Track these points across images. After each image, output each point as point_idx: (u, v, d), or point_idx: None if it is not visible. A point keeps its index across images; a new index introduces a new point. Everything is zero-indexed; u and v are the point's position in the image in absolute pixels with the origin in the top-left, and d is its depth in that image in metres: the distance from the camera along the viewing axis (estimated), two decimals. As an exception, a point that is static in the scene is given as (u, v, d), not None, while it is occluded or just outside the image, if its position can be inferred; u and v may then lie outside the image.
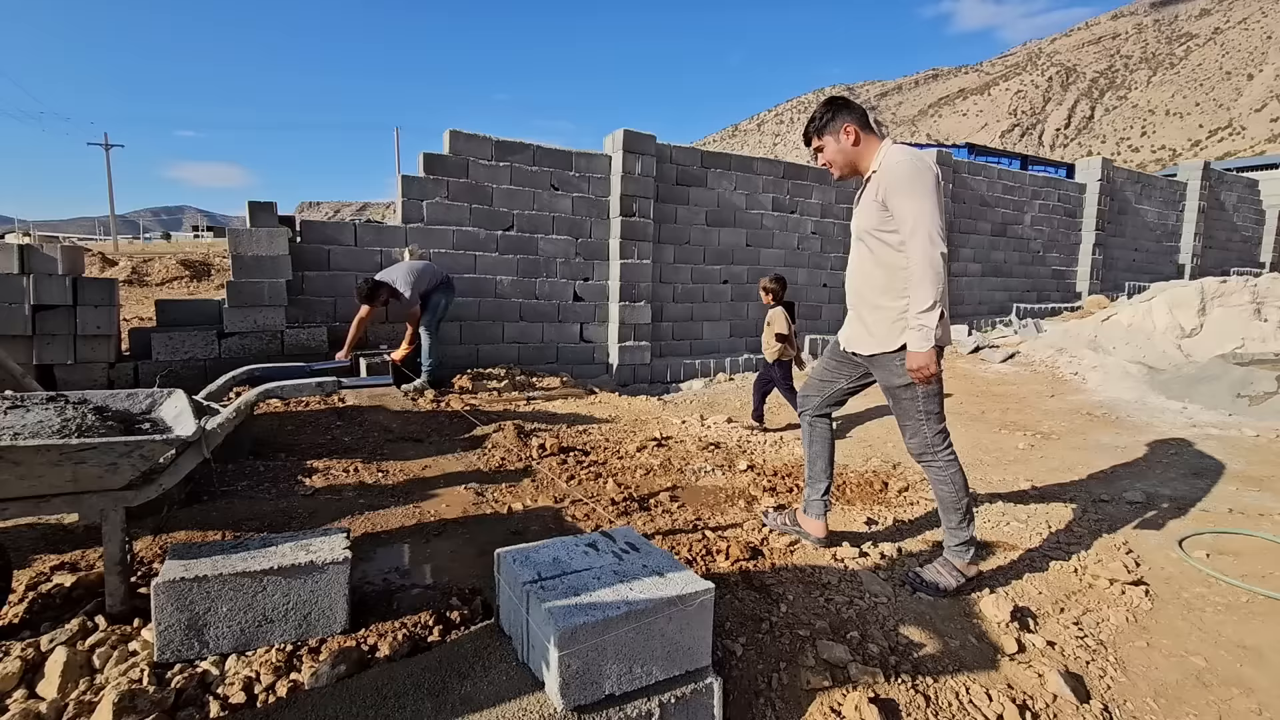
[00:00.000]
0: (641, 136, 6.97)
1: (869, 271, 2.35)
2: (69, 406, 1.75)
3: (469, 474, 3.27)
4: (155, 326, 5.35)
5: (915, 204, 2.12)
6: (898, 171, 2.16)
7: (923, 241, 2.10)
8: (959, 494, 2.32)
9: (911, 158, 2.19)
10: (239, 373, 2.27)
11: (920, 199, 2.11)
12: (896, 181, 2.16)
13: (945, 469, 2.33)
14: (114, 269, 19.59)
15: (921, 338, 2.12)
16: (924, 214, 2.10)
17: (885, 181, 2.20)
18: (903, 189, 2.14)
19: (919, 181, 2.13)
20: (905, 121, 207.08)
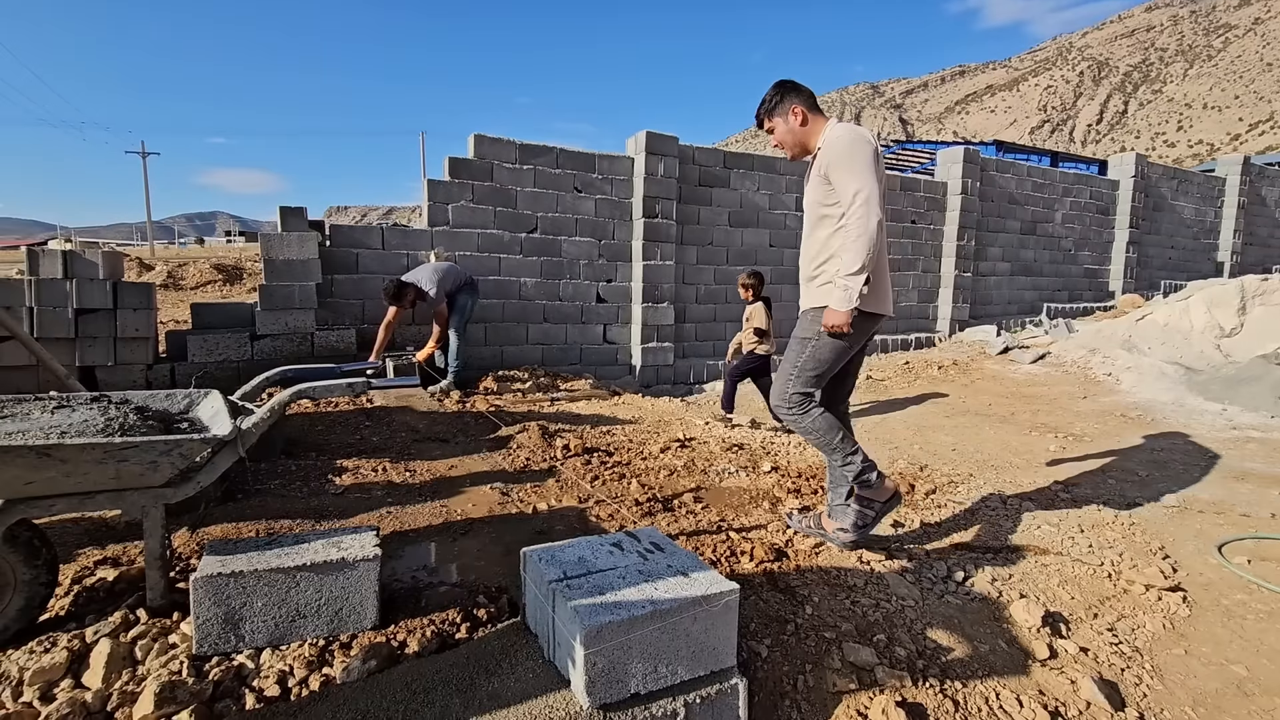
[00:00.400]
0: (664, 138, 6.98)
1: (821, 242, 2.44)
2: (112, 406, 1.81)
3: (494, 474, 3.31)
4: (190, 329, 5.49)
5: (852, 175, 2.24)
6: (837, 146, 2.29)
7: (860, 208, 2.21)
8: (827, 436, 2.43)
9: (849, 132, 2.32)
10: (273, 374, 2.32)
11: (857, 170, 2.23)
12: (835, 155, 2.29)
13: (802, 420, 2.44)
14: (150, 273, 20.15)
15: (844, 298, 2.24)
16: (863, 183, 2.22)
17: (826, 156, 2.33)
18: (841, 162, 2.27)
19: (856, 154, 2.25)
20: (931, 119, 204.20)
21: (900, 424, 5.20)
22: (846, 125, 2.37)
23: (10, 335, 3.16)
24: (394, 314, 5.29)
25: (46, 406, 1.80)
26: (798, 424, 2.46)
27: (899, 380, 6.82)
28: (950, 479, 3.71)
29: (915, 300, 9.41)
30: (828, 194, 2.36)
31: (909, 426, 5.11)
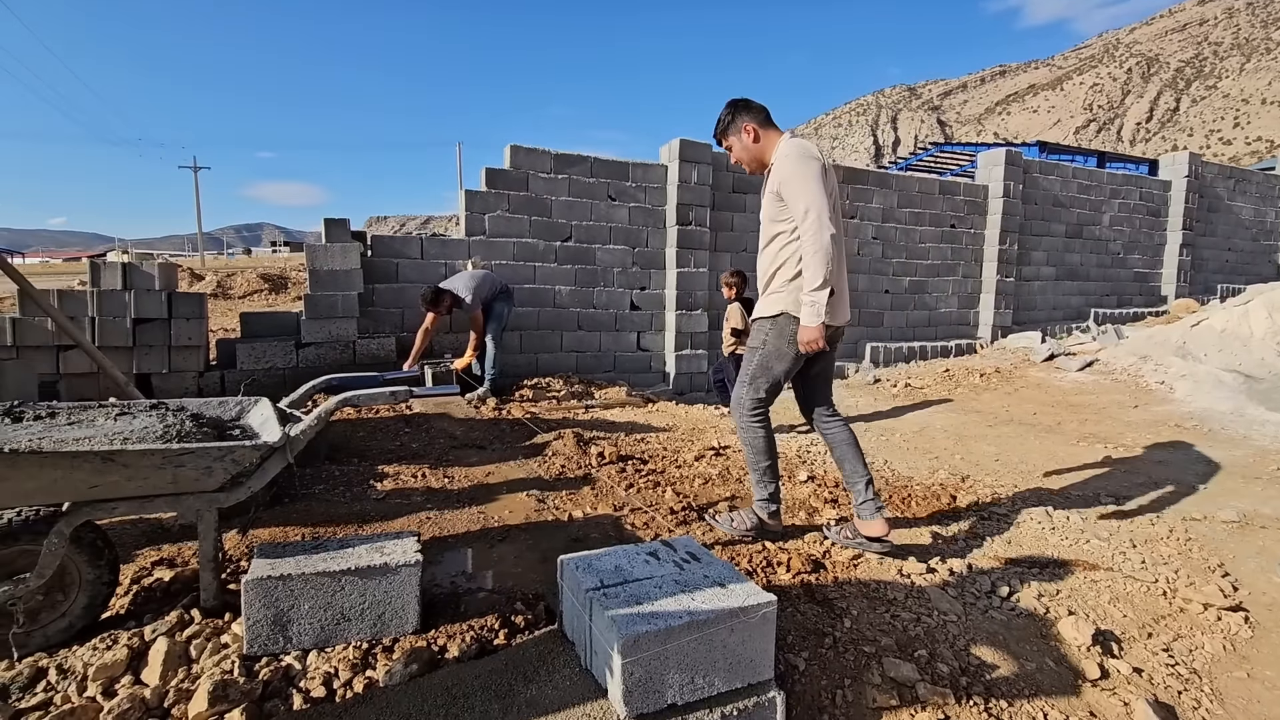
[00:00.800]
0: (697, 145, 6.99)
1: (772, 255, 2.53)
2: (169, 414, 1.88)
3: (530, 481, 3.34)
4: (239, 337, 5.69)
5: (801, 192, 2.31)
6: (785, 164, 2.38)
7: (812, 224, 2.28)
8: (760, 457, 2.59)
9: (796, 149, 2.39)
10: (318, 382, 2.39)
11: (805, 187, 2.30)
12: (784, 173, 2.37)
13: (746, 431, 2.58)
14: (201, 283, 20.95)
15: (813, 313, 2.32)
16: (812, 200, 2.29)
17: (777, 174, 2.41)
18: (790, 179, 2.34)
19: (803, 171, 2.32)
20: (970, 120, 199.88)
21: (940, 433, 5.09)
22: (796, 141, 2.44)
23: (75, 344, 3.32)
24: (431, 320, 5.40)
25: (110, 413, 1.89)
26: (746, 431, 2.57)
27: (938, 388, 6.68)
28: (993, 490, 3.62)
29: (955, 306, 9.21)
30: (780, 210, 2.44)
31: (950, 436, 5.00)
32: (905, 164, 21.85)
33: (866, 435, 5.13)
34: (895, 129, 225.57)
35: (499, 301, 5.67)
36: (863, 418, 5.71)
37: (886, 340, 8.60)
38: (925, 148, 22.91)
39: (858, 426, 5.38)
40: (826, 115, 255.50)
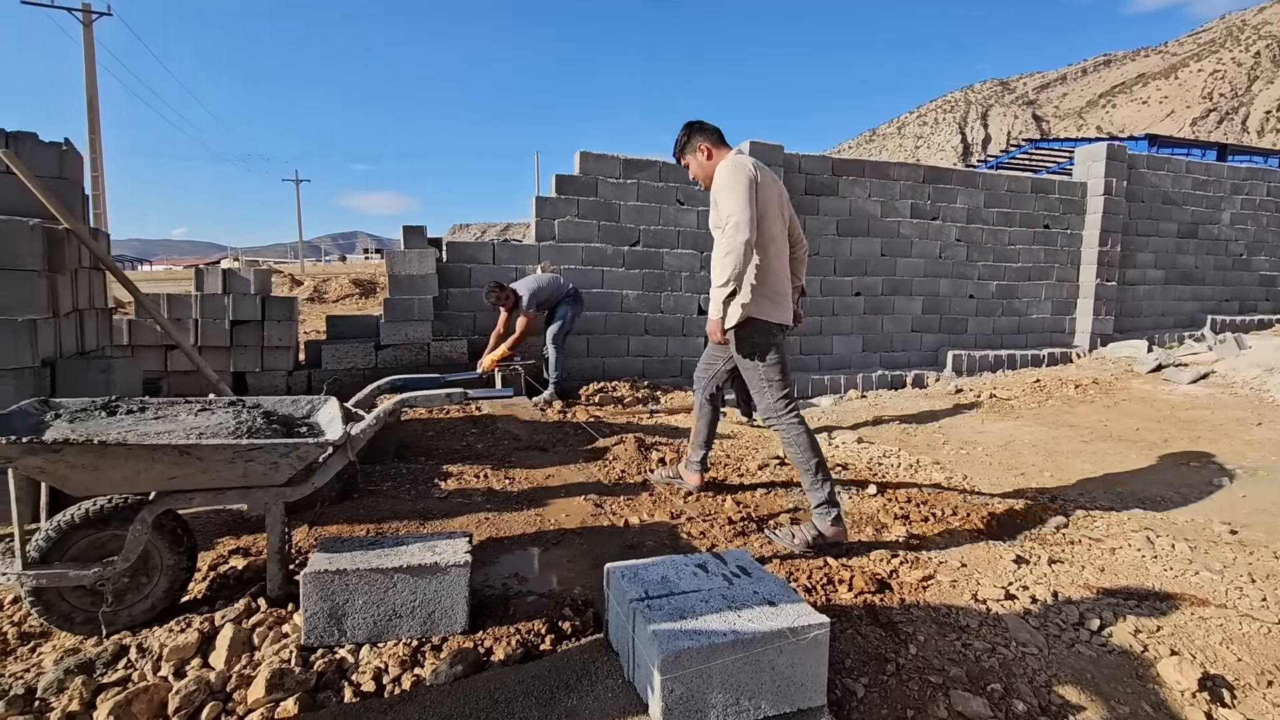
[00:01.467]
0: (768, 147, 6.85)
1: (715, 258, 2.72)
2: (244, 411, 1.99)
3: (589, 485, 3.34)
4: (325, 339, 6.01)
5: (726, 200, 2.57)
6: (719, 177, 2.67)
7: (730, 230, 2.53)
8: (806, 455, 2.68)
9: (730, 163, 2.66)
10: (383, 383, 2.47)
11: (731, 196, 2.56)
12: (718, 184, 2.65)
13: (789, 430, 2.71)
14: (300, 288, 22.43)
15: (713, 308, 2.68)
16: (734, 208, 2.53)
17: (715, 185, 2.69)
18: (720, 189, 2.63)
19: (732, 182, 2.58)
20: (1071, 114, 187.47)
21: (1028, 448, 4.74)
22: (733, 158, 2.70)
23: (176, 344, 3.60)
24: (503, 321, 5.52)
25: (192, 409, 2.02)
26: (788, 432, 2.72)
27: (1027, 400, 6.24)
28: (1086, 511, 3.33)
29: (1049, 313, 8.62)
30: (719, 217, 2.68)
31: (1039, 451, 4.66)
32: (996, 162, 20.70)
33: (944, 449, 4.85)
34: (985, 126, 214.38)
35: (564, 305, 5.73)
36: (941, 430, 5.41)
37: (970, 348, 8.13)
38: (1019, 144, 21.58)
39: (934, 438, 5.10)
40: (911, 113, 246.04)
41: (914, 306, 7.88)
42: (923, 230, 7.80)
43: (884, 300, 7.73)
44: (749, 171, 2.60)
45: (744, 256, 2.52)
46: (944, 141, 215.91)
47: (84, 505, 1.78)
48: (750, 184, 2.57)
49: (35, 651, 1.81)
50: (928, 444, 4.99)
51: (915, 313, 7.90)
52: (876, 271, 7.65)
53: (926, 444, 4.99)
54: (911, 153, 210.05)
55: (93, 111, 17.13)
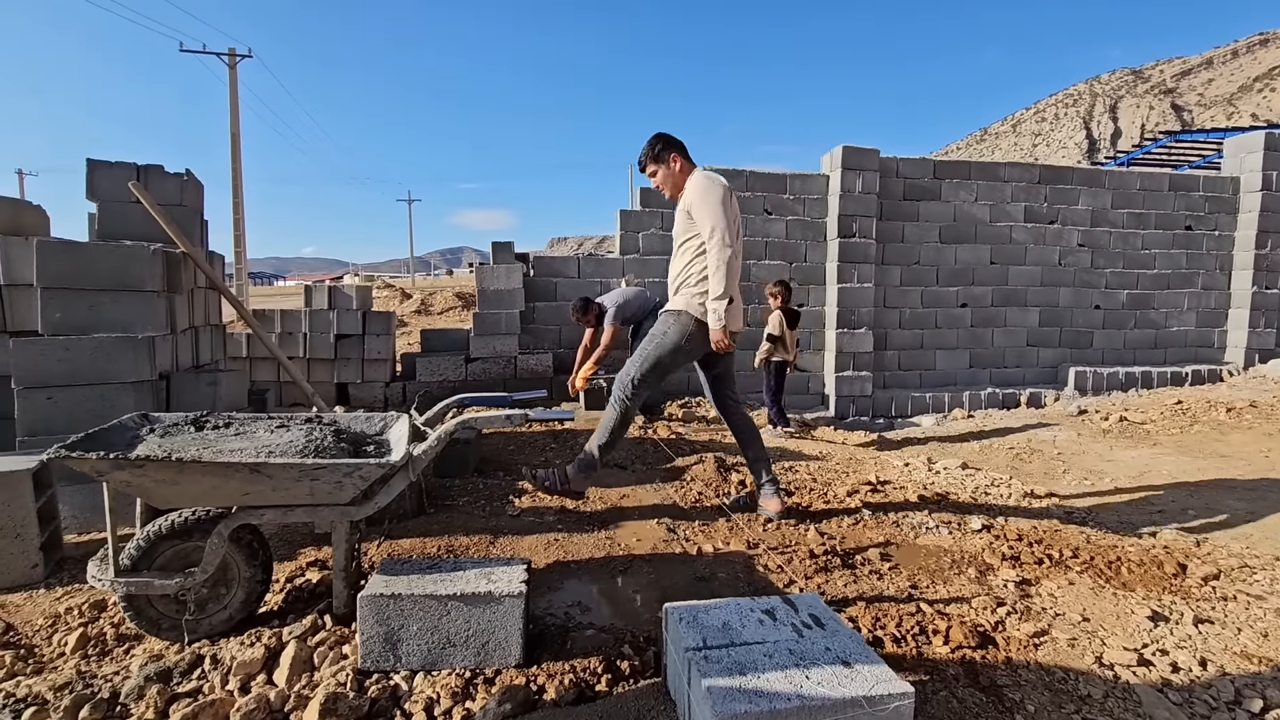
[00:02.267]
0: (862, 151, 6.51)
1: (683, 264, 2.93)
2: (317, 429, 2.03)
3: (664, 507, 3.22)
4: (420, 352, 6.27)
5: (707, 214, 2.74)
6: (696, 189, 2.81)
7: (717, 242, 2.72)
8: (611, 427, 2.87)
9: (705, 178, 2.82)
10: (450, 401, 2.48)
11: (710, 209, 2.74)
12: (695, 197, 2.80)
13: (618, 405, 2.87)
14: (409, 301, 23.83)
15: (715, 319, 2.76)
16: (716, 221, 2.73)
17: (688, 197, 2.84)
18: (699, 203, 2.78)
19: (709, 196, 2.76)
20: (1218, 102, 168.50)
21: (1167, 480, 4.17)
22: (706, 173, 2.86)
23: (272, 357, 3.83)
24: (589, 336, 5.53)
25: (270, 426, 2.09)
26: (622, 405, 2.85)
27: (1166, 424, 5.52)
28: (1243, 561, 2.84)
29: (1192, 325, 7.66)
30: (689, 226, 2.87)
31: (1181, 485, 4.08)
32: (1129, 158, 18.83)
33: (1065, 479, 4.36)
34: (1115, 119, 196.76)
35: (649, 320, 5.66)
36: (1061, 456, 4.87)
37: (1096, 364, 7.35)
38: (1155, 137, 19.54)
39: (1052, 466, 4.59)
40: (1028, 110, 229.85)
41: (1029, 318, 7.22)
42: (1039, 235, 7.15)
43: (994, 312, 7.14)
44: (723, 185, 2.80)
45: (735, 266, 2.76)
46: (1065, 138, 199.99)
47: (170, 517, 1.87)
48: (725, 197, 2.77)
49: (129, 653, 1.91)
50: (1045, 472, 4.51)
51: (1031, 325, 7.24)
52: (985, 281, 7.08)
53: (1044, 472, 4.50)
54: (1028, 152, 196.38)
55: (235, 145, 19.03)
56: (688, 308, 2.86)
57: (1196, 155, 18.19)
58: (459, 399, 2.47)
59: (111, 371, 2.86)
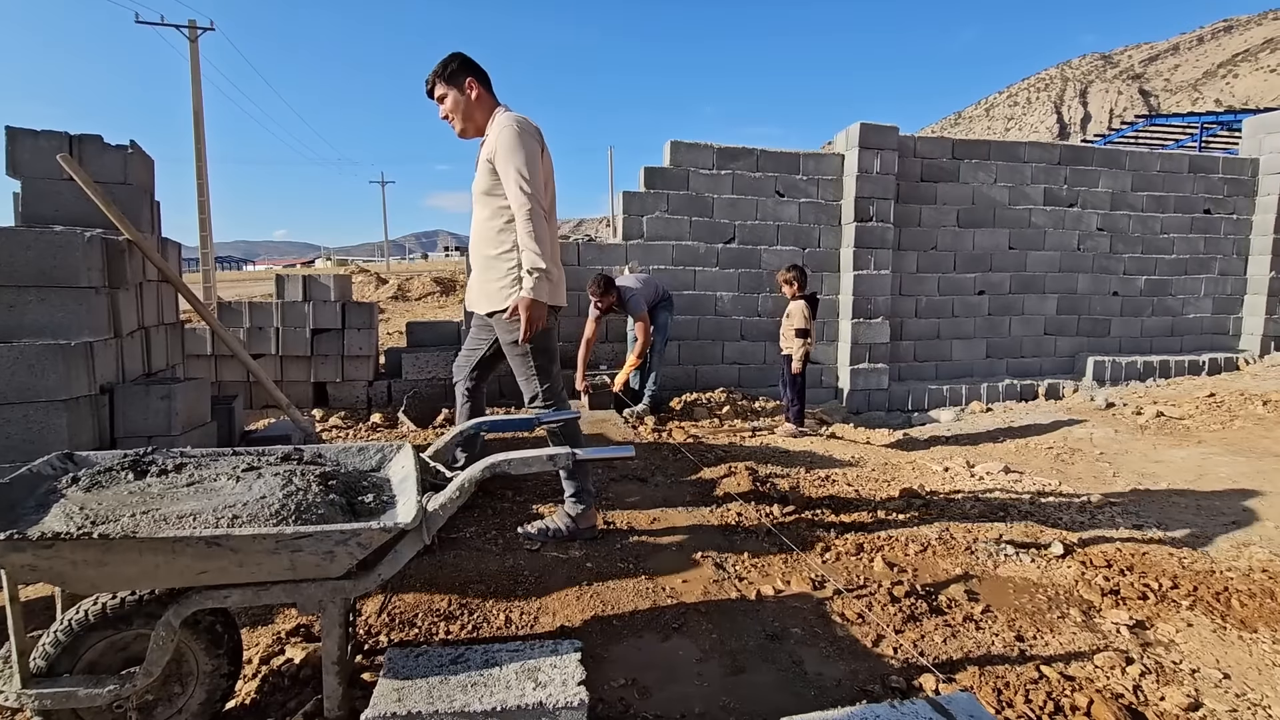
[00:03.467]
0: (881, 129, 6.09)
1: (484, 232, 2.47)
2: (297, 474, 1.55)
3: (703, 532, 2.80)
4: (405, 347, 5.74)
5: (519, 161, 2.27)
6: (507, 135, 2.30)
7: (529, 207, 2.26)
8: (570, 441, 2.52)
9: (519, 123, 2.33)
10: (467, 427, 2.01)
11: (528, 166, 2.28)
12: (505, 145, 2.29)
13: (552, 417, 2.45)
14: (385, 286, 22.99)
15: (536, 290, 2.30)
16: (531, 178, 2.28)
17: (495, 144, 2.33)
18: (506, 152, 2.29)
19: (525, 147, 2.29)
20: (1184, 87, 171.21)
21: (1230, 485, 3.85)
22: (518, 116, 2.36)
23: (248, 363, 3.31)
24: (593, 328, 5.09)
25: (236, 468, 1.61)
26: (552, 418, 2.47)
27: (1206, 420, 5.24)
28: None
29: (1208, 310, 7.42)
30: (495, 184, 2.37)
31: (1247, 490, 3.77)
32: (1105, 141, 18.72)
33: (1116, 482, 4.03)
34: (1085, 104, 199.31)
35: (662, 310, 5.23)
36: (1103, 456, 4.55)
37: (1114, 353, 7.08)
38: (1131, 122, 19.46)
39: (1099, 468, 4.25)
40: (1000, 94, 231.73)
41: (1047, 306, 6.92)
42: (1058, 219, 6.82)
43: (1012, 299, 6.81)
44: (538, 136, 2.37)
45: (548, 234, 2.33)
46: (1037, 122, 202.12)
47: (101, 599, 1.39)
48: (539, 151, 2.35)
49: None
50: (1093, 476, 4.17)
51: (1049, 313, 6.93)
52: (1003, 267, 6.74)
53: (1092, 476, 4.17)
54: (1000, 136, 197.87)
55: (198, 123, 17.96)
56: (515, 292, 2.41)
57: (1171, 139, 18.12)
58: (475, 424, 2.00)
59: (37, 387, 2.33)
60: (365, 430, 4.59)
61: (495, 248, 2.45)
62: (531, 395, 2.55)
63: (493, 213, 2.44)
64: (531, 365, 2.48)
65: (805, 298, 4.78)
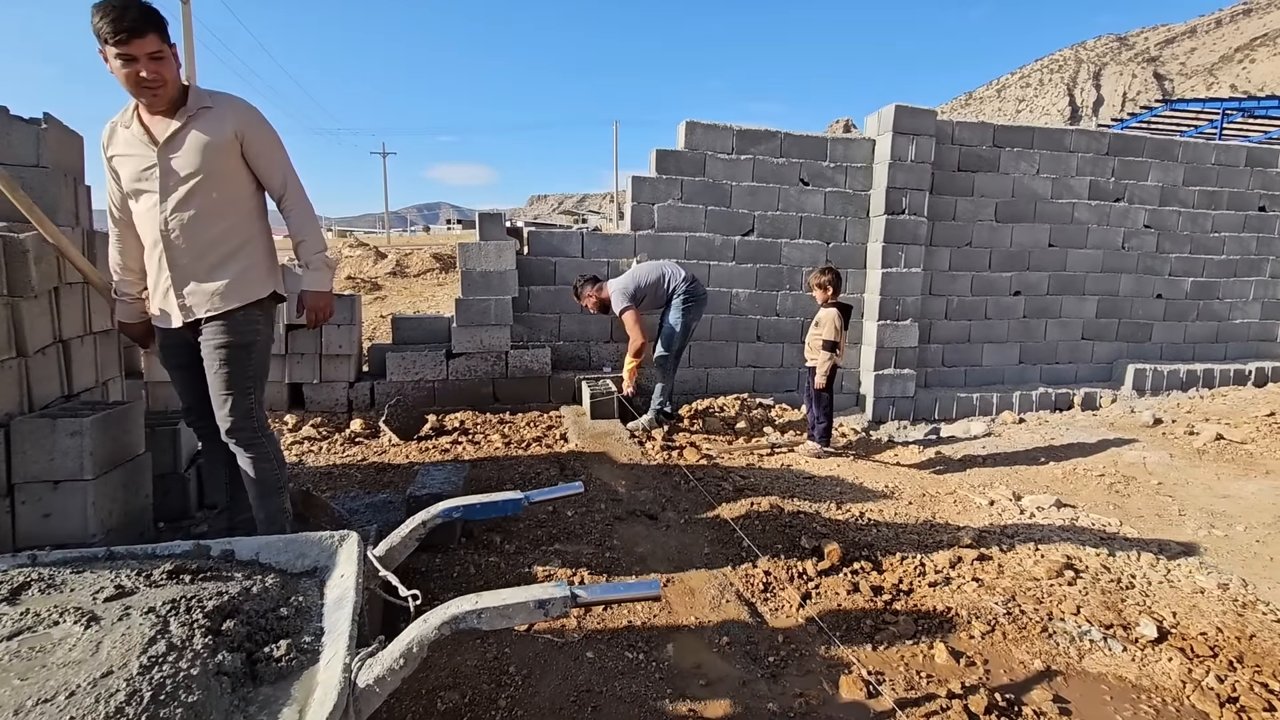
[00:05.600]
0: (917, 112, 5.54)
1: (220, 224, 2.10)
2: (179, 611, 1.08)
3: (727, 602, 2.34)
4: (391, 344, 5.26)
5: (281, 155, 2.16)
6: (254, 118, 2.09)
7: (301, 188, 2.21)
8: (277, 477, 2.19)
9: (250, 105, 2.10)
10: (434, 514, 1.53)
11: (282, 150, 2.17)
12: (257, 129, 2.08)
13: (269, 444, 2.19)
14: (383, 261, 22.39)
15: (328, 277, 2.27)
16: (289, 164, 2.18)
17: (241, 124, 2.05)
18: (268, 137, 2.12)
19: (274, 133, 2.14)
20: (1200, 71, 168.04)
21: None
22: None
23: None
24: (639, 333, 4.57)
25: (99, 595, 1.14)
26: (261, 449, 2.16)
27: (1271, 443, 4.77)
28: None
29: (1256, 316, 6.93)
30: (231, 167, 2.05)
31: None
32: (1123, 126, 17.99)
33: (1184, 523, 3.58)
34: (1098, 86, 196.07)
35: (679, 305, 4.66)
36: (1162, 487, 4.09)
37: (1155, 360, 6.60)
38: (1149, 106, 18.70)
39: (1160, 503, 3.78)
40: (1012, 75, 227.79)
41: (1086, 308, 6.41)
42: (1102, 214, 6.28)
43: (1049, 301, 6.31)
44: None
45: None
46: (1049, 105, 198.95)
47: None
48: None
49: None
50: (1156, 513, 3.72)
51: (1087, 316, 6.43)
52: (1041, 266, 6.22)
53: (1154, 513, 3.72)
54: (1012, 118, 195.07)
55: (186, 88, 17.22)
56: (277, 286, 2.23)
57: (1190, 125, 17.40)
58: (444, 511, 1.52)
59: (-101, 428, 1.86)
60: (342, 444, 4.12)
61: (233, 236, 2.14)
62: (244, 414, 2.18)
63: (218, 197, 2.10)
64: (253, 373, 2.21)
65: (838, 305, 4.29)
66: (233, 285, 2.09)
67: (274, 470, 2.21)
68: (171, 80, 1.93)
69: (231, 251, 2.10)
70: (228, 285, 2.08)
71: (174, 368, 2.24)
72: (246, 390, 2.14)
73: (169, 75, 1.91)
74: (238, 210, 2.11)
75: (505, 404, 5.06)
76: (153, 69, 1.88)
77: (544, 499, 1.46)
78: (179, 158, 2.00)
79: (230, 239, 2.10)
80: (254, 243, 2.16)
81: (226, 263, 2.09)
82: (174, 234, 2.03)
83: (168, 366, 2.26)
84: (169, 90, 1.94)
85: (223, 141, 2.01)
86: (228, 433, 2.15)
